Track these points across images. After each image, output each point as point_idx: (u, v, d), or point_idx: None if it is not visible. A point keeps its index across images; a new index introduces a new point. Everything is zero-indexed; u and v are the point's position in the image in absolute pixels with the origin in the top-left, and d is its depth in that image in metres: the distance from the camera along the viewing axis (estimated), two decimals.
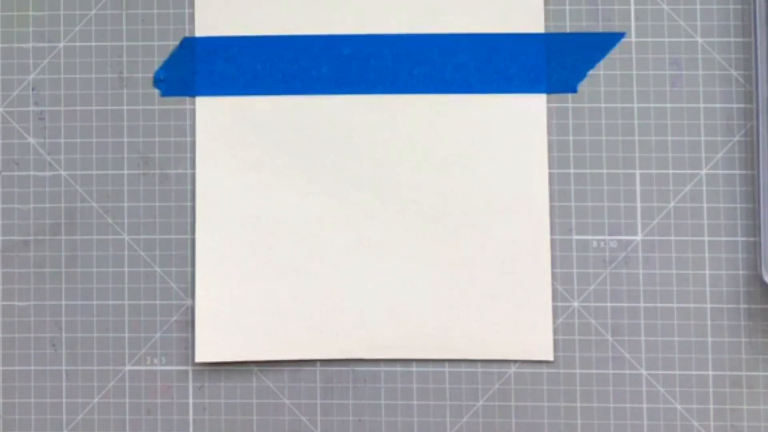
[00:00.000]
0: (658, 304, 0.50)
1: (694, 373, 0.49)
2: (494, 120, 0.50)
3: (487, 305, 0.50)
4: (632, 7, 0.50)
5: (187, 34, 0.51)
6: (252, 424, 0.50)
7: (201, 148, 0.51)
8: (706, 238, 0.50)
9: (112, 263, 0.51)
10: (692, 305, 0.50)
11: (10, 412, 0.51)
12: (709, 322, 0.50)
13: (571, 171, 0.50)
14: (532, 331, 0.50)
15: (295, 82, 0.51)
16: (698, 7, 0.50)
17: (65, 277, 0.51)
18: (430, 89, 0.50)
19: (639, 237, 0.50)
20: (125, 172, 0.51)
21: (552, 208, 0.50)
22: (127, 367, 0.51)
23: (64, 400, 0.51)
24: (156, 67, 0.51)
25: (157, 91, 0.51)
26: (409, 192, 0.50)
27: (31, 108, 0.52)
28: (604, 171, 0.50)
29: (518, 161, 0.50)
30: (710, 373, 0.49)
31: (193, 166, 0.51)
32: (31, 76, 0.52)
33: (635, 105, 0.50)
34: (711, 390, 0.49)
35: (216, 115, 0.51)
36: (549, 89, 0.50)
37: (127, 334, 0.51)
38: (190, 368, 0.51)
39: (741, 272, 0.50)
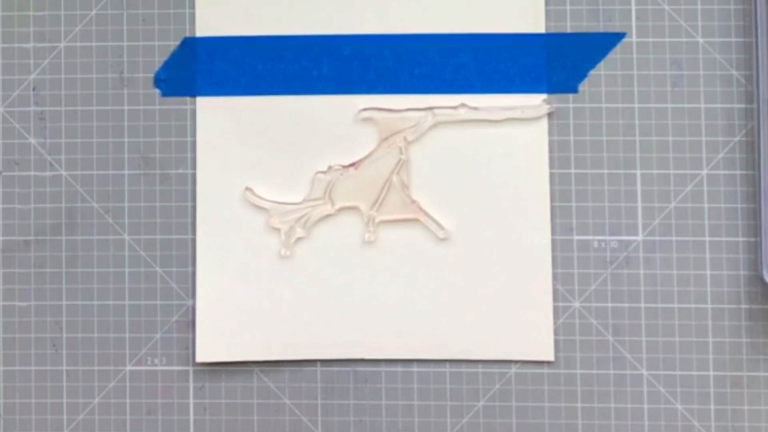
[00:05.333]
0: (659, 305, 0.50)
1: (695, 373, 0.49)
2: (495, 120, 0.50)
3: (487, 305, 0.50)
4: (633, 7, 0.50)
5: (187, 35, 0.51)
6: (253, 424, 0.51)
7: (201, 148, 0.51)
8: (707, 239, 0.50)
9: (113, 263, 0.51)
10: (693, 305, 0.50)
11: (10, 412, 0.51)
12: (710, 323, 0.50)
13: (572, 171, 0.50)
14: (533, 332, 0.50)
15: (296, 82, 0.51)
16: (699, 7, 0.50)
17: (66, 277, 0.51)
18: (430, 89, 0.50)
19: (640, 237, 0.50)
20: (126, 172, 0.51)
21: (553, 208, 0.50)
22: (128, 368, 0.51)
23: (64, 400, 0.51)
24: (157, 67, 0.51)
25: (157, 91, 0.51)
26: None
27: (32, 108, 0.52)
28: (605, 171, 0.50)
29: (519, 161, 0.50)
30: (711, 373, 0.49)
31: (193, 166, 0.51)
32: (32, 76, 0.52)
33: (636, 105, 0.50)
34: (712, 390, 0.49)
35: (216, 115, 0.51)
36: (550, 89, 0.50)
37: (127, 335, 0.51)
38: (190, 368, 0.51)
39: (742, 272, 0.50)
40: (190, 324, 0.51)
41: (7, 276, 0.51)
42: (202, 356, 0.50)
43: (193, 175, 0.51)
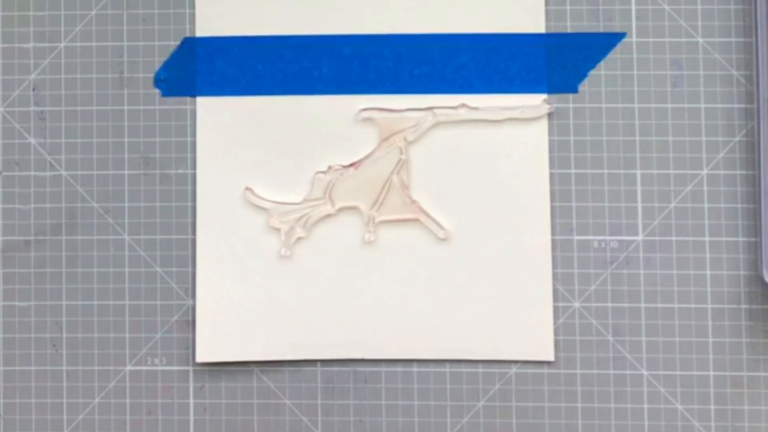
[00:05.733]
0: (659, 305, 0.50)
1: (695, 373, 0.49)
2: (495, 120, 0.50)
3: (488, 305, 0.50)
4: (633, 7, 0.50)
5: (187, 34, 0.51)
6: (253, 424, 0.51)
7: (201, 148, 0.51)
8: (707, 239, 0.50)
9: (113, 263, 0.51)
10: (693, 305, 0.50)
11: (10, 412, 0.51)
12: (710, 323, 0.50)
13: (572, 171, 0.50)
14: (533, 332, 0.50)
15: (296, 82, 0.51)
16: (699, 7, 0.50)
17: (66, 277, 0.51)
18: (430, 89, 0.50)
19: (640, 237, 0.50)
20: (126, 172, 0.51)
21: (553, 209, 0.50)
22: (128, 368, 0.51)
23: (64, 400, 0.51)
24: (157, 67, 0.51)
25: (157, 91, 0.51)
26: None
27: (32, 108, 0.52)
28: (605, 171, 0.50)
29: (519, 161, 0.50)
30: (711, 373, 0.49)
31: (193, 166, 0.51)
32: (32, 76, 0.52)
33: (636, 105, 0.50)
34: (712, 390, 0.49)
35: (216, 115, 0.51)
36: (550, 89, 0.50)
37: (127, 335, 0.51)
38: (190, 368, 0.51)
39: (742, 272, 0.50)
40: (190, 324, 0.51)
41: (7, 276, 0.51)
42: (202, 356, 0.50)
43: (193, 175, 0.51)
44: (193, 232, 0.51)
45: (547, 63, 0.50)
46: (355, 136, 0.51)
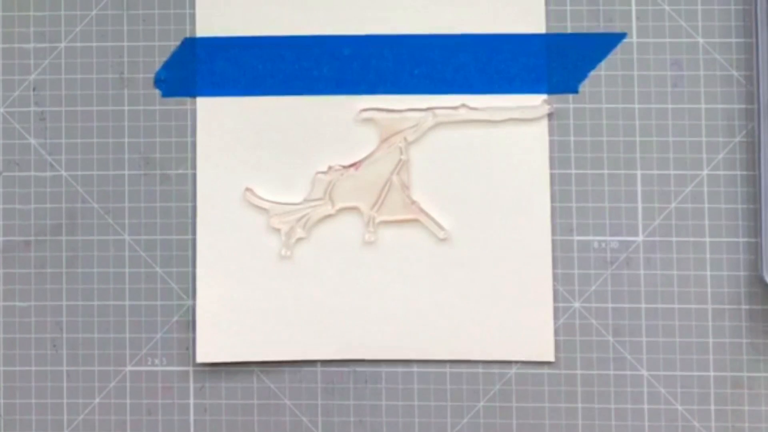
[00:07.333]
0: (660, 305, 0.50)
1: (695, 374, 0.49)
2: (495, 120, 0.50)
3: (488, 306, 0.50)
4: (633, 8, 0.50)
5: (187, 35, 0.51)
6: (253, 424, 0.51)
7: (202, 149, 0.51)
8: (708, 239, 0.50)
9: (113, 264, 0.51)
10: (693, 306, 0.49)
11: (11, 412, 0.51)
12: (710, 323, 0.49)
13: (573, 171, 0.50)
14: (534, 332, 0.50)
15: (296, 82, 0.51)
16: (699, 7, 0.50)
17: (66, 277, 0.51)
18: (430, 89, 0.50)
19: (640, 238, 0.50)
20: (126, 172, 0.51)
21: (553, 209, 0.50)
22: (128, 368, 0.51)
23: (65, 400, 0.51)
24: (157, 67, 0.51)
25: (157, 92, 0.51)
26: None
27: (32, 108, 0.52)
28: (606, 172, 0.50)
29: (519, 161, 0.50)
30: (711, 374, 0.49)
31: (193, 166, 0.51)
32: (32, 77, 0.52)
33: (636, 105, 0.50)
34: (712, 391, 0.49)
35: (217, 116, 0.51)
36: (550, 90, 0.50)
37: (127, 335, 0.51)
38: (190, 369, 0.51)
39: (742, 273, 0.49)
40: (190, 324, 0.51)
41: (7, 276, 0.51)
42: (202, 356, 0.50)
43: (193, 176, 0.51)
44: (193, 233, 0.51)
45: (548, 63, 0.50)
46: (355, 137, 0.51)
